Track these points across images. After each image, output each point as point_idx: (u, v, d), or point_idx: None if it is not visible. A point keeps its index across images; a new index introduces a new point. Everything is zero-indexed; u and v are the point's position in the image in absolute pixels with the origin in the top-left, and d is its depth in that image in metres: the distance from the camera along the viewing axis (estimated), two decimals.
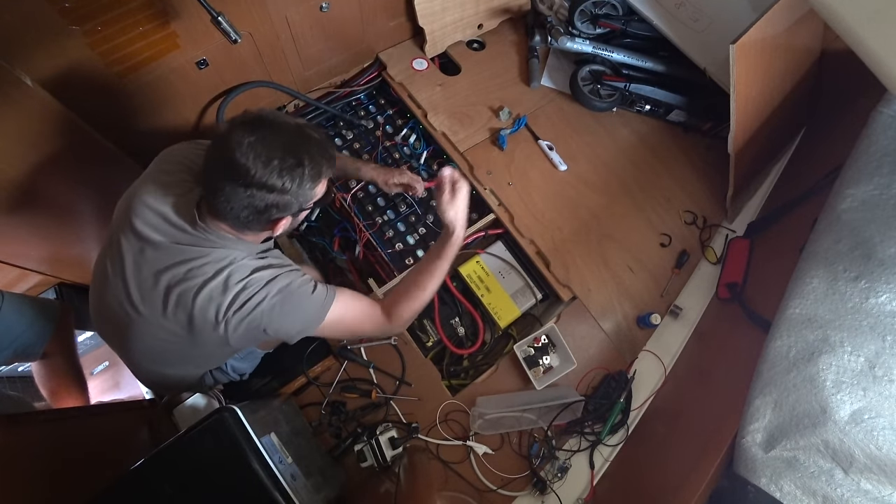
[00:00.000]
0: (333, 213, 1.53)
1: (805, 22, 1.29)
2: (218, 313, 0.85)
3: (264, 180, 0.79)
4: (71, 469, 0.93)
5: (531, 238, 1.44)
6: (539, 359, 1.30)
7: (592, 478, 1.22)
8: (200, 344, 0.91)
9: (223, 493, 0.80)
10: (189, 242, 0.86)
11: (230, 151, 0.77)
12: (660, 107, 1.66)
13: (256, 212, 0.82)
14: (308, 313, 0.93)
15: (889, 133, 1.12)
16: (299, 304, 0.91)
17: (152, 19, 1.10)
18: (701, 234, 1.53)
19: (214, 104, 1.40)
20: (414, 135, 1.62)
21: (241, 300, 0.86)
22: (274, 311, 0.88)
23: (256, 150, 0.78)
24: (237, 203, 0.80)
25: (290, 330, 0.93)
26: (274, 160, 0.79)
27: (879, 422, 0.84)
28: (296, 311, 0.91)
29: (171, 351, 0.94)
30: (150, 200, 0.88)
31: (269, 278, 0.89)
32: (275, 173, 0.79)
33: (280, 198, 0.82)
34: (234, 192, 0.79)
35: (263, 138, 0.79)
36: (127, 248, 0.88)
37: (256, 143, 0.78)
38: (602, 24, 1.65)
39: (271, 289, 0.88)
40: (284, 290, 0.89)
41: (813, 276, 1.03)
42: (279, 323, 0.90)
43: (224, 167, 0.79)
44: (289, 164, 0.80)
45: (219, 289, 0.85)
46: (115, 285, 0.90)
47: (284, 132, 0.81)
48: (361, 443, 1.16)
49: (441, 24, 1.65)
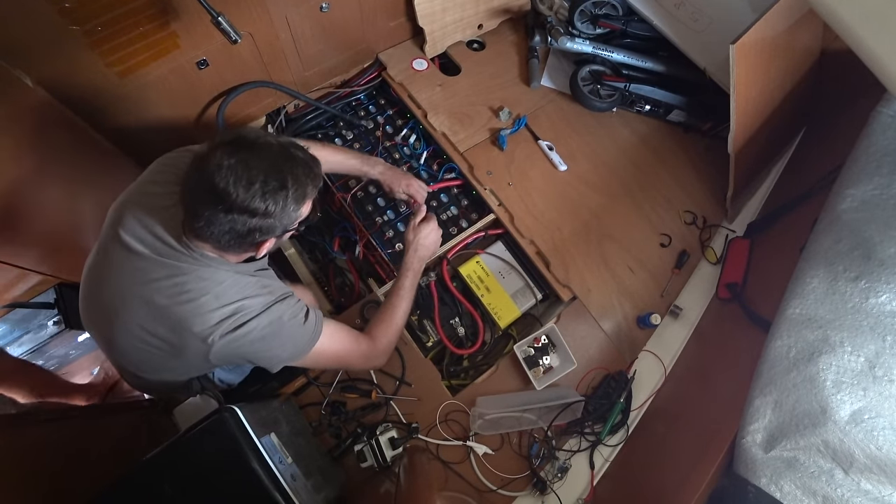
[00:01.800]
0: (333, 213, 1.53)
1: (805, 22, 1.29)
2: (203, 331, 0.84)
3: (246, 204, 0.76)
4: (71, 469, 0.93)
5: (531, 238, 1.44)
6: (539, 359, 1.30)
7: (592, 478, 1.22)
8: (181, 356, 0.89)
9: (223, 494, 0.80)
10: (174, 258, 0.84)
11: (210, 175, 0.75)
12: (660, 107, 1.66)
13: (238, 236, 0.80)
14: (296, 345, 0.93)
15: (889, 133, 1.12)
16: (288, 337, 0.91)
17: (152, 19, 1.10)
18: (701, 234, 1.53)
19: (214, 104, 1.40)
20: (414, 135, 1.62)
21: (229, 325, 0.84)
22: (261, 343, 0.88)
23: (237, 173, 0.75)
24: (218, 228, 0.78)
25: (274, 360, 0.92)
26: (255, 183, 0.76)
27: (879, 422, 0.84)
28: (283, 345, 0.91)
29: (151, 359, 0.93)
30: (139, 211, 0.86)
31: (260, 309, 0.87)
32: (257, 197, 0.76)
33: (263, 221, 0.79)
34: (215, 217, 0.77)
35: (244, 160, 0.76)
36: (114, 257, 0.86)
37: (237, 165, 0.75)
38: (602, 24, 1.65)
39: (262, 320, 0.86)
40: (275, 323, 0.88)
41: (813, 276, 1.03)
42: (264, 354, 0.90)
43: (204, 191, 0.76)
44: (271, 187, 0.77)
45: (207, 307, 0.84)
46: (101, 293, 0.89)
47: (267, 153, 0.78)
48: (361, 443, 1.16)
49: (441, 24, 1.65)
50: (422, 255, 1.23)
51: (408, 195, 1.33)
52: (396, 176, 1.33)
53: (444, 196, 1.54)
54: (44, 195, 1.21)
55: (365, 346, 1.06)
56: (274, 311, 0.88)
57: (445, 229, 1.47)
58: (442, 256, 1.42)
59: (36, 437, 0.94)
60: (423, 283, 1.40)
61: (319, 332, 0.95)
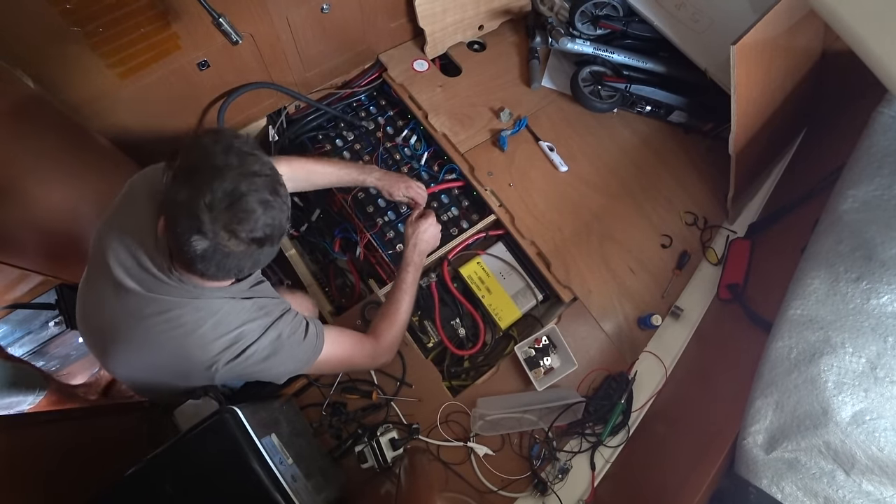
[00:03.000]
0: (334, 213, 1.53)
1: (806, 23, 1.29)
2: (206, 360, 0.83)
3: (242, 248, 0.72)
4: (72, 469, 0.93)
5: (532, 239, 1.44)
6: (540, 360, 1.30)
7: (593, 479, 1.22)
8: (185, 381, 0.90)
9: (224, 494, 0.80)
10: (165, 293, 0.81)
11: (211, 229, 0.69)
12: (660, 108, 1.66)
13: (227, 271, 0.76)
14: (298, 359, 0.93)
15: (890, 134, 1.12)
16: (291, 353, 0.91)
17: (154, 21, 1.10)
18: (702, 234, 1.52)
19: (216, 105, 1.40)
20: (415, 136, 1.62)
21: (232, 353, 0.84)
22: (265, 363, 0.88)
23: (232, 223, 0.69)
24: (213, 266, 0.73)
25: (279, 375, 0.93)
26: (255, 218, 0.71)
27: (881, 423, 0.84)
28: (285, 362, 0.91)
29: (152, 385, 0.93)
30: (124, 236, 0.82)
31: (260, 332, 0.86)
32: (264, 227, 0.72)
33: (272, 248, 0.78)
34: (227, 264, 0.74)
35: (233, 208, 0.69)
36: (106, 292, 0.83)
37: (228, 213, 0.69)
38: (602, 24, 1.65)
39: (263, 342, 0.86)
40: (276, 342, 0.88)
41: (814, 277, 1.03)
42: (269, 372, 0.91)
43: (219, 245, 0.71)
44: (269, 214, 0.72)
45: (206, 338, 0.82)
46: (96, 324, 0.89)
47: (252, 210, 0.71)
48: (362, 444, 1.16)
49: (442, 25, 1.65)
50: (422, 250, 1.24)
51: (408, 197, 1.33)
52: (393, 180, 1.31)
53: (444, 197, 1.54)
54: (45, 196, 1.22)
55: (369, 346, 1.07)
56: (273, 332, 0.88)
57: (446, 230, 1.47)
58: (443, 257, 1.42)
59: (36, 437, 0.94)
60: (423, 283, 1.40)
61: (322, 343, 0.95)
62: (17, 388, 1.34)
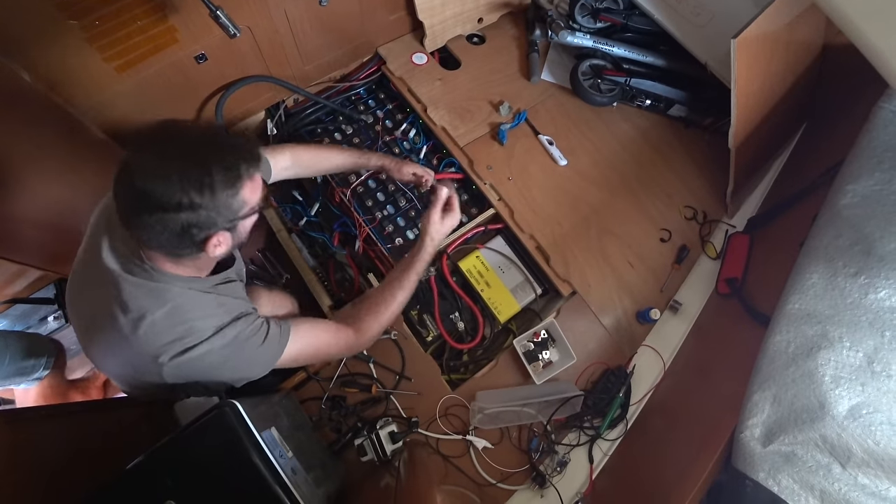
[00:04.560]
0: (333, 208, 1.53)
1: (807, 17, 1.28)
2: (152, 350, 0.81)
3: (167, 200, 0.70)
4: (72, 464, 0.94)
5: (531, 233, 1.44)
6: (539, 353, 1.31)
7: (591, 472, 1.23)
8: (135, 371, 0.88)
9: (224, 488, 0.81)
10: (135, 273, 0.81)
11: (128, 178, 0.71)
12: (660, 101, 1.66)
13: (176, 236, 0.74)
14: (254, 365, 0.90)
15: (890, 129, 1.12)
16: (245, 359, 0.88)
17: (151, 13, 1.09)
18: (701, 229, 1.52)
19: (214, 99, 1.39)
20: (414, 129, 1.61)
21: (178, 347, 0.81)
22: (218, 367, 0.85)
23: (152, 168, 0.70)
24: (151, 231, 0.73)
25: (236, 378, 0.91)
26: (172, 175, 0.70)
27: (877, 417, 0.84)
28: (239, 367, 0.89)
29: (125, 376, 0.93)
30: (115, 220, 0.82)
31: (212, 331, 0.83)
32: (177, 189, 0.70)
33: (194, 215, 0.73)
34: (145, 221, 0.72)
35: (159, 153, 0.71)
36: (91, 270, 0.85)
37: (152, 160, 0.70)
38: (603, 18, 1.64)
39: (214, 343, 0.83)
40: (231, 344, 0.84)
41: (813, 272, 1.03)
42: (224, 376, 0.89)
43: (128, 197, 0.72)
44: (193, 175, 0.71)
45: (156, 326, 0.81)
46: (81, 302, 0.89)
47: (184, 142, 0.73)
48: (361, 437, 1.16)
49: (441, 18, 1.64)
50: (437, 245, 1.17)
51: (415, 175, 1.32)
52: (398, 160, 1.32)
53: None
54: (42, 190, 1.21)
55: (347, 339, 1.02)
56: (228, 333, 0.84)
57: None
58: (442, 251, 1.42)
59: (36, 432, 0.94)
60: (422, 277, 1.40)
61: (284, 344, 0.91)
62: (32, 353, 1.40)
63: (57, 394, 1.48)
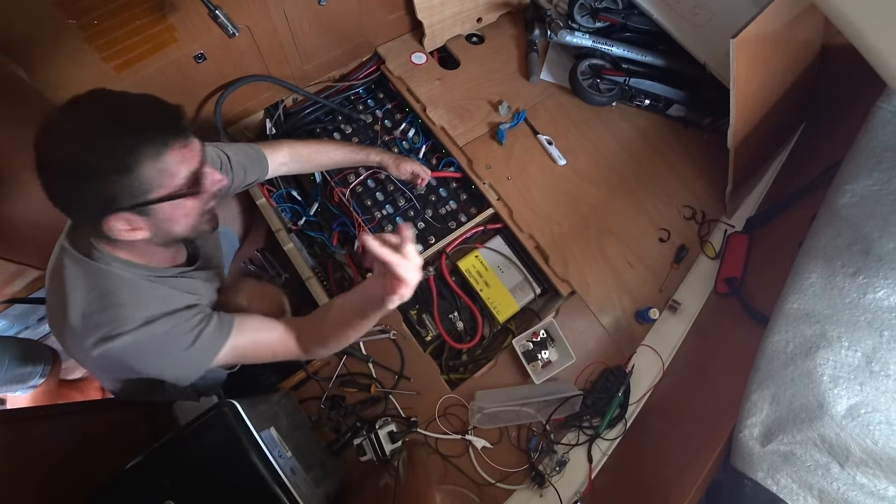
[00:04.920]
0: (332, 207, 1.53)
1: (806, 16, 1.28)
2: (78, 332, 0.79)
3: (76, 163, 0.67)
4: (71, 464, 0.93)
5: (530, 233, 1.44)
6: (538, 353, 1.31)
7: (591, 471, 1.23)
8: (67, 350, 0.84)
9: (223, 488, 0.81)
10: (82, 250, 0.80)
11: (44, 140, 0.68)
12: (659, 101, 1.66)
13: (85, 206, 0.71)
14: (183, 365, 0.86)
15: (889, 128, 1.12)
16: (173, 358, 0.84)
17: (150, 13, 1.09)
18: (700, 229, 1.53)
19: (212, 98, 1.39)
20: (413, 129, 1.61)
21: (102, 333, 0.78)
22: (147, 362, 0.82)
23: (67, 130, 0.67)
24: (62, 196, 0.70)
25: (166, 375, 0.87)
26: (84, 138, 0.66)
27: (876, 416, 0.84)
28: (167, 364, 0.85)
29: (84, 363, 0.90)
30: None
31: (139, 322, 0.79)
32: (86, 152, 0.66)
33: (102, 184, 0.68)
34: (55, 183, 0.69)
35: (76, 118, 0.68)
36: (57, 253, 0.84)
37: (68, 123, 0.67)
38: (602, 17, 1.64)
39: (140, 335, 0.78)
40: (157, 341, 0.80)
41: (811, 272, 1.03)
42: (150, 371, 0.84)
43: (43, 161, 0.69)
44: (104, 139, 0.67)
45: (90, 307, 0.78)
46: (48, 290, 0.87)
47: (101, 106, 0.70)
48: (361, 437, 1.16)
49: (440, 17, 1.64)
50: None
51: (413, 173, 1.31)
52: (397, 157, 1.31)
53: (443, 191, 1.53)
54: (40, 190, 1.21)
55: (290, 352, 0.96)
56: (156, 328, 0.80)
57: (444, 223, 1.47)
58: (441, 251, 1.42)
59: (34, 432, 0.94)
60: (422, 277, 1.40)
61: (215, 350, 0.86)
62: (28, 360, 1.41)
63: (50, 400, 1.48)
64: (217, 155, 1.08)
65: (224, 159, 1.09)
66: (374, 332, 1.28)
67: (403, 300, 0.77)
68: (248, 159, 1.15)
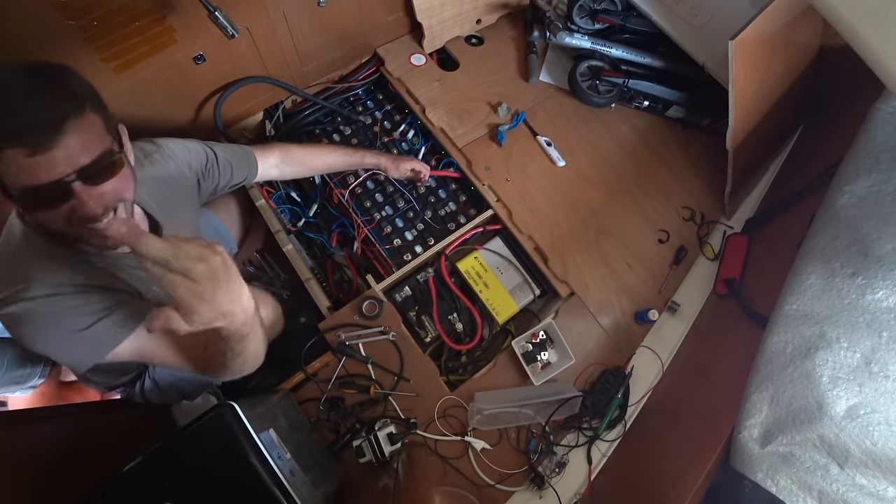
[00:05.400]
0: (332, 209, 1.53)
1: (804, 18, 1.29)
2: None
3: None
4: (69, 465, 0.93)
5: (529, 234, 1.44)
6: (537, 354, 1.31)
7: (590, 473, 1.23)
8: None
9: (222, 489, 0.81)
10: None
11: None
12: (658, 103, 1.66)
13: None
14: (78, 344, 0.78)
15: (887, 129, 1.12)
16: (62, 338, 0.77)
17: (149, 14, 1.09)
18: (699, 230, 1.53)
19: (212, 99, 1.39)
20: (412, 130, 1.61)
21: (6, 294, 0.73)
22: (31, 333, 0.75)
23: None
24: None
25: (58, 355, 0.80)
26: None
27: (875, 417, 0.85)
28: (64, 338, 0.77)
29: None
30: None
31: (53, 289, 0.74)
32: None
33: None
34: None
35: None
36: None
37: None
38: (601, 19, 1.64)
39: (34, 307, 0.73)
40: (48, 316, 0.74)
41: (810, 273, 1.03)
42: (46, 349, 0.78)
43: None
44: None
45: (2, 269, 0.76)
46: None
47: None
48: (360, 438, 1.16)
49: (439, 19, 1.64)
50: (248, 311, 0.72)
51: (412, 170, 1.31)
52: (394, 158, 1.31)
53: (442, 192, 1.53)
54: None
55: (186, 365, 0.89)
56: (61, 301, 0.75)
57: (444, 225, 1.47)
58: (440, 252, 1.42)
59: (33, 434, 0.94)
60: (421, 278, 1.40)
61: (118, 339, 0.79)
62: (27, 361, 1.41)
63: (50, 401, 1.48)
64: (205, 152, 1.10)
65: (211, 156, 1.11)
66: (374, 333, 1.28)
67: (196, 314, 0.62)
68: (235, 158, 1.16)
